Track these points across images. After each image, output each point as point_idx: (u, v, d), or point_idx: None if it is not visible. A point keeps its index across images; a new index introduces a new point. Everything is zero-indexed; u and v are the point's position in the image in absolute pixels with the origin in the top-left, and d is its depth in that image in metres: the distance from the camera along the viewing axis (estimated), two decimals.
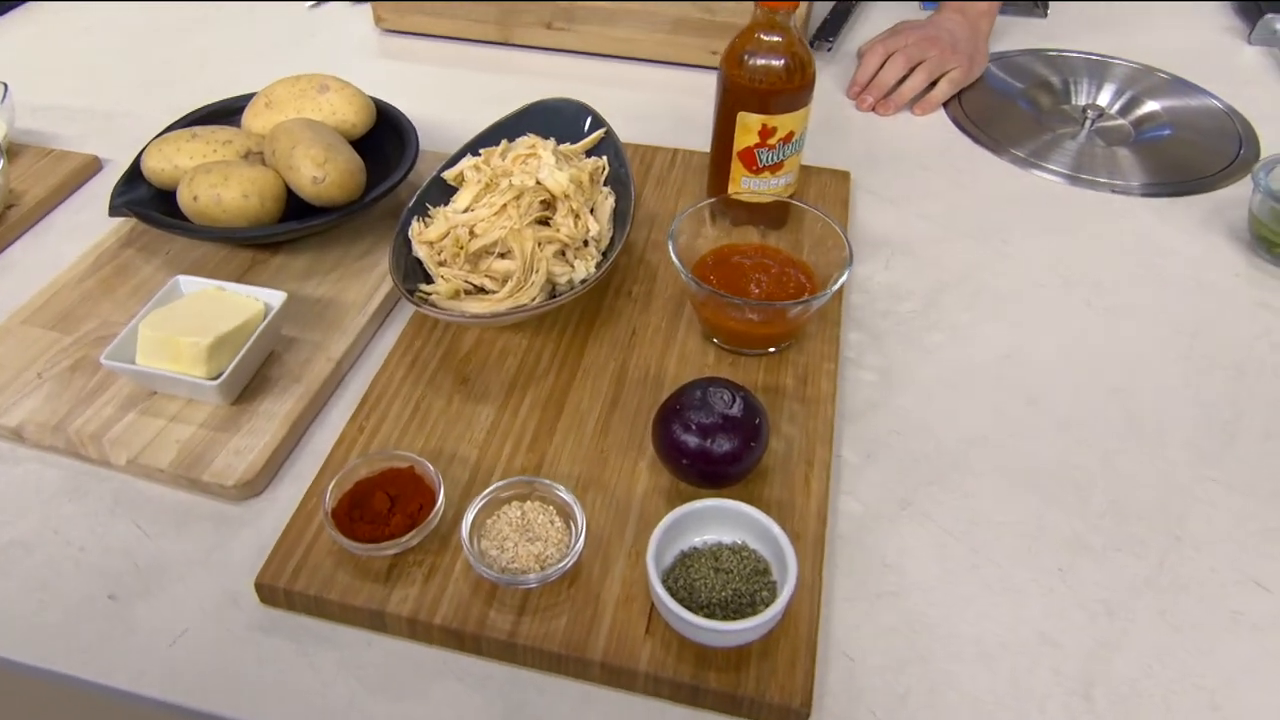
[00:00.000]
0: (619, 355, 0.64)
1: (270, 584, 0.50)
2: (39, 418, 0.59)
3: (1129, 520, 0.56)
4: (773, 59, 0.65)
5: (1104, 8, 1.13)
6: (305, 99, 0.76)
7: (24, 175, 0.80)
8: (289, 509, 0.55)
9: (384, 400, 0.61)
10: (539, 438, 0.58)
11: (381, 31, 1.05)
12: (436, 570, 0.51)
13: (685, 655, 0.47)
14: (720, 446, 0.51)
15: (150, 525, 0.55)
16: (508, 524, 0.51)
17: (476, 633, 0.48)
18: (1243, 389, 0.64)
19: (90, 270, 0.71)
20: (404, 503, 0.52)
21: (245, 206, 0.67)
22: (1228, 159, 0.87)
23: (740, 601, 0.48)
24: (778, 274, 0.63)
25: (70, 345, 0.64)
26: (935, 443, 0.60)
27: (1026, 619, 0.51)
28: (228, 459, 0.57)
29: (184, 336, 0.57)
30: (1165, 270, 0.75)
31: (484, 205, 0.63)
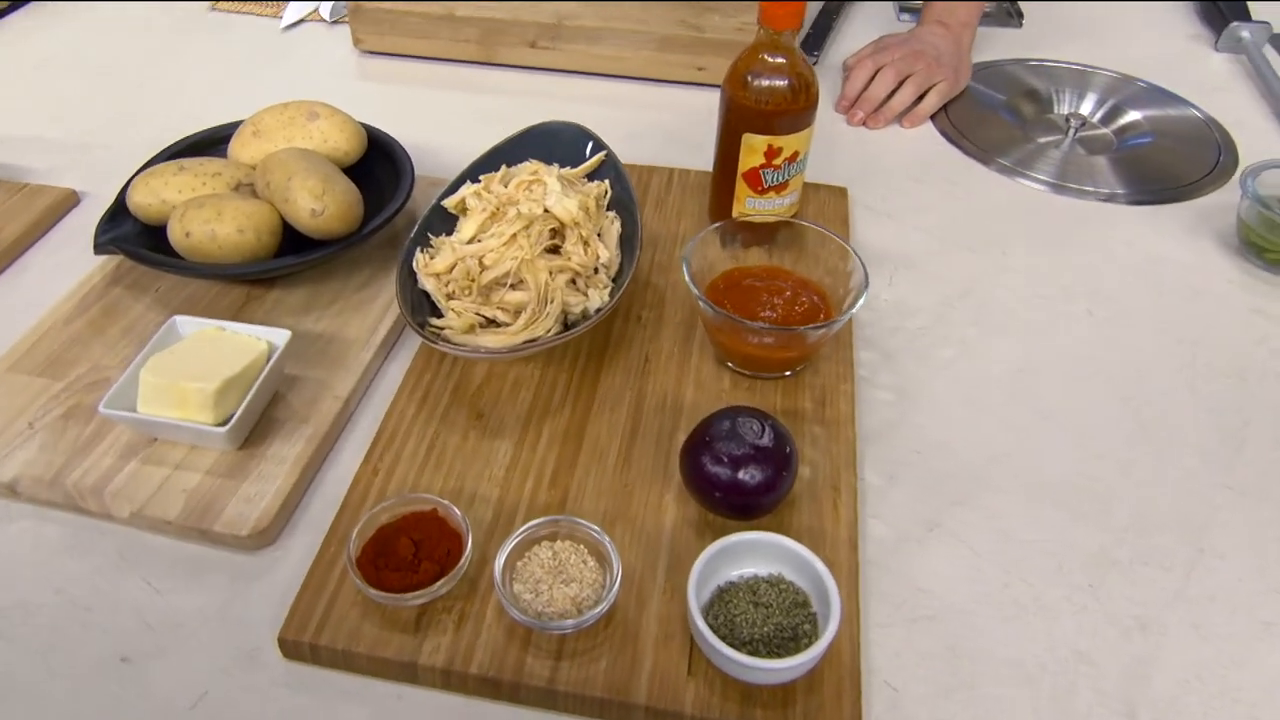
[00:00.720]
0: (634, 383, 0.63)
1: (295, 639, 0.48)
2: (33, 471, 0.57)
3: (1152, 532, 0.56)
4: (777, 79, 0.64)
5: (1075, 18, 1.15)
6: (295, 127, 0.74)
7: None
8: (307, 558, 0.54)
9: (397, 439, 0.59)
10: (560, 473, 0.57)
11: (360, 53, 1.03)
12: (467, 616, 0.49)
13: (730, 694, 0.46)
14: (753, 478, 0.50)
15: (160, 580, 0.53)
16: (539, 566, 0.50)
17: (514, 680, 0.47)
18: (1247, 396, 0.65)
19: (77, 311, 0.68)
20: (429, 547, 0.51)
21: (241, 242, 0.65)
22: (1208, 166, 0.88)
23: (782, 636, 0.47)
24: (791, 296, 0.63)
25: (61, 392, 0.62)
26: (956, 461, 0.60)
27: (1062, 638, 0.51)
28: (239, 507, 0.55)
29: (189, 382, 0.55)
30: (1161, 278, 0.76)
31: (492, 235, 0.61)
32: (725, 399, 0.62)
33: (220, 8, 1.11)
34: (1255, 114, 0.97)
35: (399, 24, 0.99)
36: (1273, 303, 0.74)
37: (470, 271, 0.59)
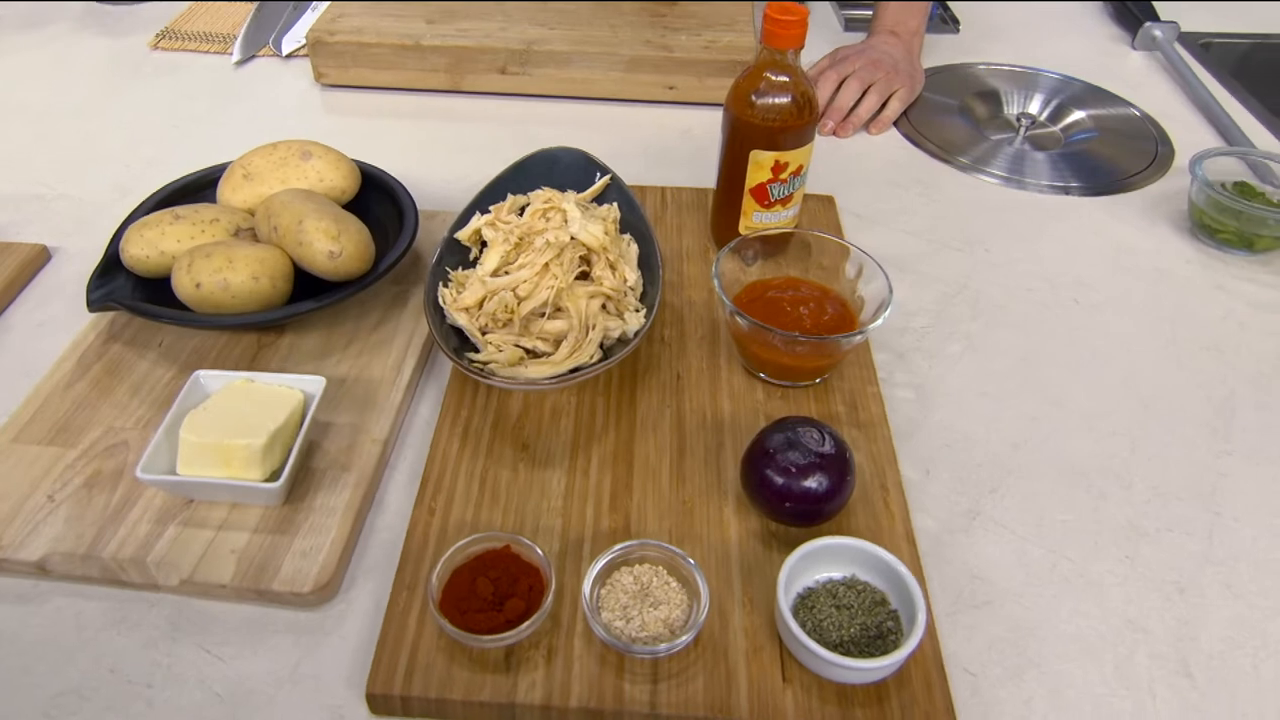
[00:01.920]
0: (670, 401, 0.64)
1: (383, 693, 0.47)
2: (64, 547, 0.53)
3: (1171, 501, 0.60)
4: (782, 97, 0.66)
5: (1005, 22, 1.22)
6: (288, 167, 0.72)
7: None
8: (373, 608, 0.53)
9: (446, 478, 0.58)
10: (618, 496, 0.57)
11: (322, 87, 1.01)
12: (555, 650, 0.49)
13: (828, 697, 0.48)
14: (821, 485, 0.52)
15: (220, 647, 0.51)
16: (623, 592, 0.50)
17: (616, 709, 0.47)
18: (1226, 367, 0.71)
19: (76, 373, 0.64)
20: (507, 585, 0.50)
21: (256, 290, 0.62)
22: (1149, 158, 0.95)
23: (868, 635, 0.49)
24: (816, 306, 0.65)
25: (77, 460, 0.58)
26: (984, 451, 0.63)
27: (1112, 609, 0.54)
28: (295, 563, 0.53)
29: (234, 439, 0.53)
30: (1130, 264, 0.81)
31: (520, 265, 0.61)
32: (761, 410, 0.63)
33: (163, 47, 1.07)
34: (1178, 106, 1.05)
35: (363, 56, 0.97)
36: (1230, 279, 0.80)
37: (507, 303, 0.59)
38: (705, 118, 0.98)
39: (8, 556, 0.53)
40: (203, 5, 1.15)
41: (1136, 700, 0.50)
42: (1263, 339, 0.73)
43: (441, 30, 0.98)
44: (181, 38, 1.08)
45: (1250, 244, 0.81)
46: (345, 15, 1.00)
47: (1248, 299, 0.77)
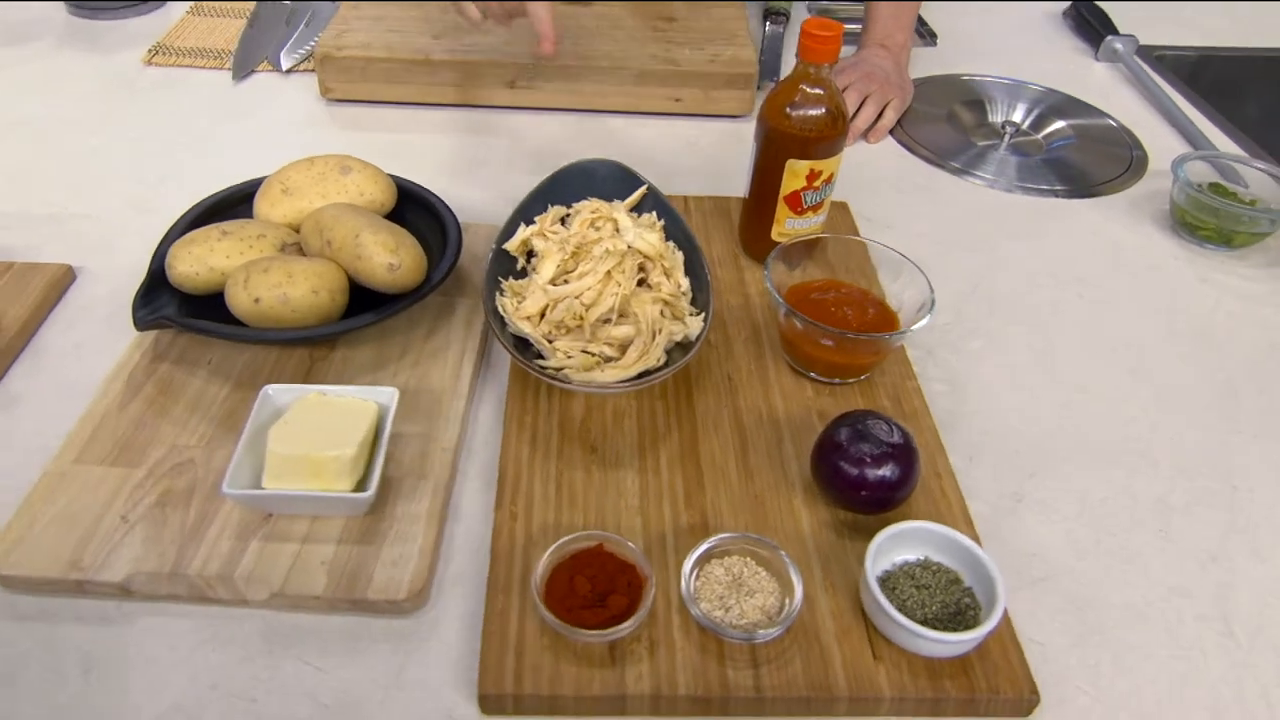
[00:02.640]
0: (727, 402, 0.66)
1: (495, 693, 0.48)
2: (147, 567, 0.53)
3: (1194, 478, 0.65)
4: (817, 109, 0.70)
5: (976, 36, 1.28)
6: (328, 182, 0.72)
7: None
8: (468, 612, 0.54)
9: (522, 482, 0.59)
10: (691, 493, 0.59)
11: (327, 101, 1.01)
12: (657, 642, 0.51)
13: (918, 671, 0.51)
14: (894, 473, 0.55)
15: (319, 658, 0.51)
16: (717, 583, 0.52)
17: (723, 695, 0.49)
18: (1222, 354, 0.76)
19: (128, 393, 0.63)
20: (604, 582, 0.52)
21: (316, 303, 0.63)
22: (1126, 163, 1.02)
23: (948, 612, 0.52)
24: (859, 306, 0.68)
25: (145, 480, 0.58)
26: (1020, 438, 0.67)
27: (1156, 578, 0.58)
28: (387, 571, 0.54)
29: (325, 451, 0.53)
30: (1123, 260, 0.87)
31: (581, 274, 0.63)
32: (812, 406, 0.66)
33: (157, 62, 1.05)
34: (1143, 113, 1.12)
35: (371, 71, 0.98)
36: (1214, 272, 0.86)
37: (575, 311, 0.61)
38: (712, 129, 1.01)
39: (89, 578, 0.52)
40: (194, 20, 1.13)
41: (1190, 660, 0.54)
42: (1250, 328, 0.79)
43: (449, 45, 0.99)
44: (175, 53, 1.07)
45: (1229, 240, 0.87)
46: (349, 31, 1.00)
47: (1232, 291, 0.84)
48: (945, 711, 0.50)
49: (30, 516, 0.55)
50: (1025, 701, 0.50)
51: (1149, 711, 0.51)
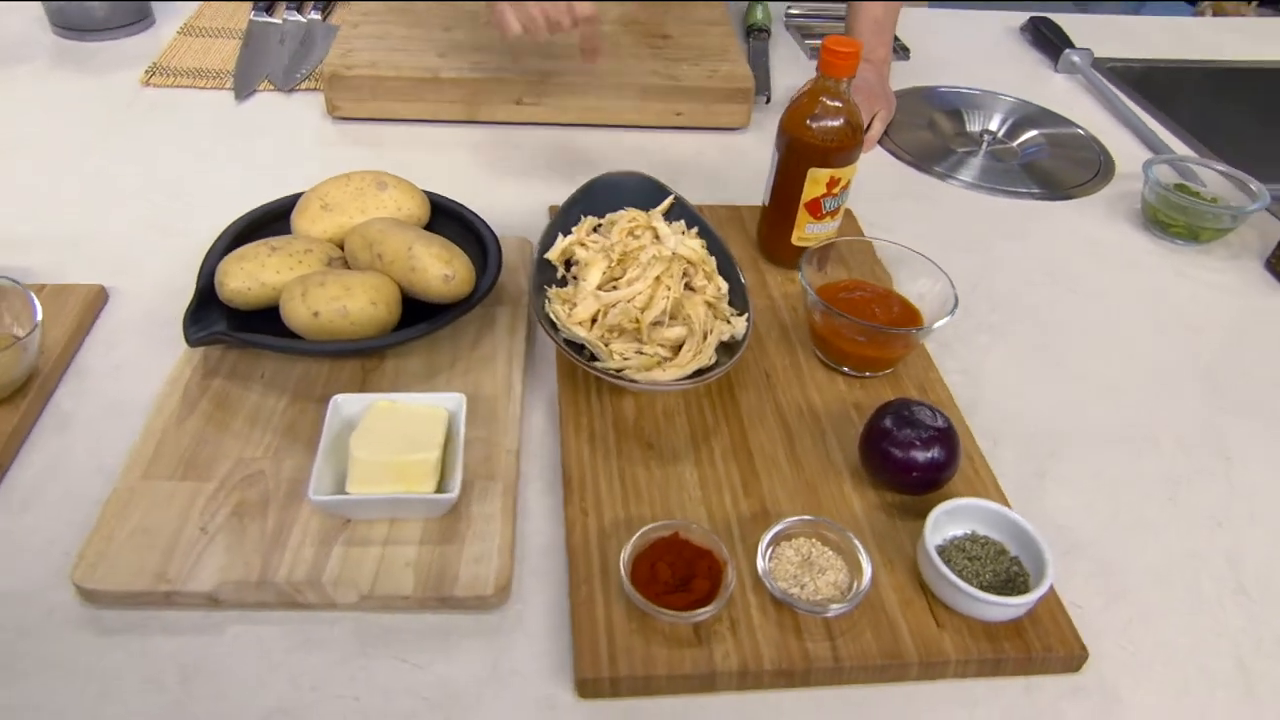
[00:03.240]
0: (767, 397, 0.69)
1: (593, 677, 0.51)
2: (234, 576, 0.54)
3: (1192, 453, 0.71)
4: (836, 120, 0.74)
5: (946, 50, 1.35)
6: (366, 198, 0.74)
7: (15, 316, 0.69)
8: (549, 604, 0.56)
9: (587, 479, 0.62)
10: (748, 483, 0.63)
11: (334, 120, 1.02)
12: (737, 621, 0.54)
13: (978, 635, 0.55)
14: (941, 455, 0.59)
15: (415, 655, 0.53)
16: (789, 563, 0.56)
17: (805, 667, 0.52)
18: (1201, 340, 0.83)
19: (184, 408, 0.64)
20: (683, 567, 0.55)
21: (374, 315, 0.64)
22: (1095, 167, 1.09)
23: (999, 580, 0.56)
24: (884, 304, 0.72)
25: (218, 492, 0.59)
26: (1036, 423, 0.72)
27: (1172, 544, 0.64)
28: (472, 569, 0.56)
29: (410, 455, 0.55)
30: (1104, 257, 0.94)
31: (630, 280, 0.66)
32: (847, 398, 0.70)
33: (155, 83, 1.05)
34: (1104, 121, 1.20)
35: (380, 89, 0.99)
36: (1185, 266, 0.93)
37: (630, 315, 0.64)
38: (712, 141, 1.05)
39: (178, 589, 0.53)
40: (186, 41, 1.13)
41: (1212, 615, 0.59)
42: (1222, 316, 0.86)
43: (455, 63, 1.01)
44: (172, 74, 1.06)
45: (1196, 235, 0.95)
46: (354, 50, 1.02)
47: (1203, 283, 0.91)
48: (1005, 671, 0.54)
49: (108, 532, 0.56)
50: (1076, 658, 0.55)
51: (1181, 660, 0.56)
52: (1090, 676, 0.55)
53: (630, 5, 1.17)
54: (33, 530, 0.58)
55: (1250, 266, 0.94)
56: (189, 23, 1.17)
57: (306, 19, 1.18)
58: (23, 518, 0.58)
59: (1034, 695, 0.54)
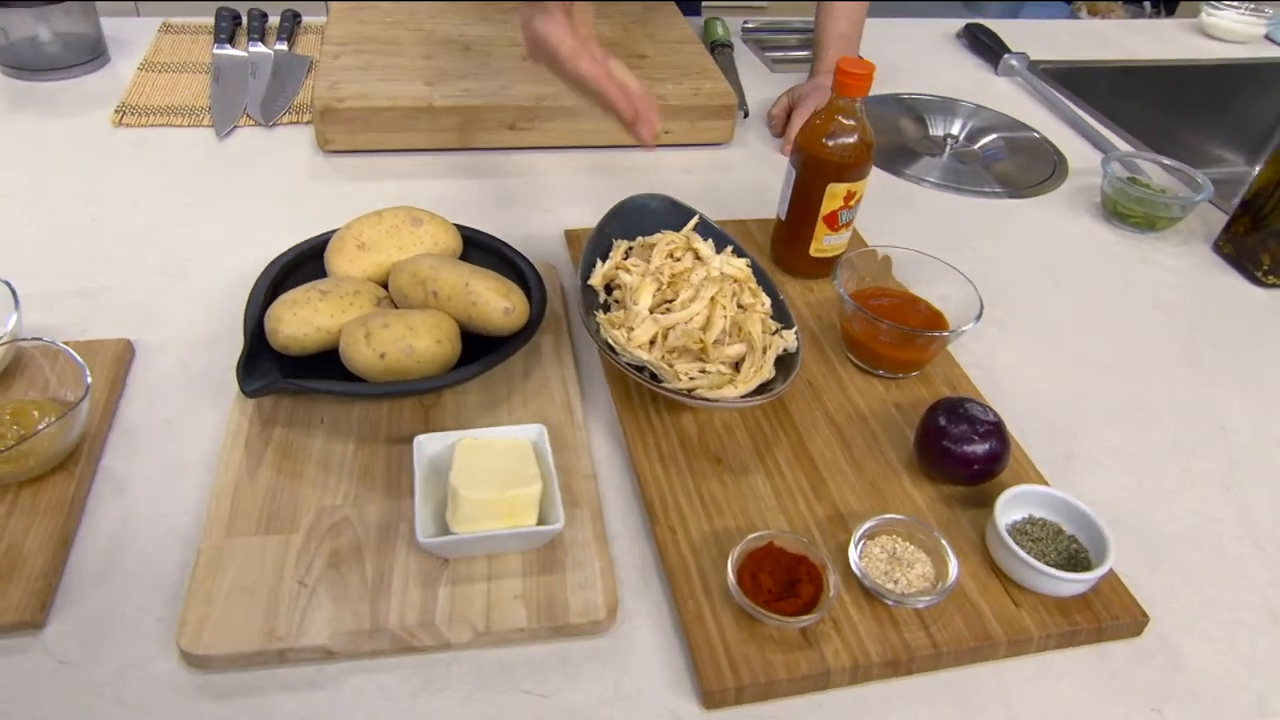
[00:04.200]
0: (816, 404, 0.73)
1: (718, 688, 0.53)
2: (345, 626, 0.54)
3: (1193, 425, 0.78)
4: (851, 137, 0.78)
5: (893, 57, 1.42)
6: (402, 235, 0.74)
7: (59, 378, 0.66)
8: (655, 622, 0.58)
9: (667, 499, 0.64)
10: (818, 489, 0.66)
11: (325, 153, 1.00)
12: (839, 621, 0.57)
13: (1052, 610, 0.59)
14: (997, 447, 0.64)
15: (537, 686, 0.54)
16: (878, 560, 0.59)
17: (909, 656, 0.56)
18: (1176, 320, 0.91)
19: (251, 461, 0.63)
20: (781, 574, 0.57)
21: (439, 353, 0.65)
22: (1051, 166, 1.17)
23: (1063, 558, 0.61)
24: (911, 309, 0.77)
25: (307, 544, 0.58)
26: (1054, 408, 0.78)
27: (1195, 509, 0.70)
28: (579, 595, 0.57)
29: (515, 490, 0.56)
30: (1075, 249, 1.01)
31: (684, 302, 0.68)
32: (886, 399, 0.74)
33: (128, 124, 1.01)
34: (1048, 121, 1.29)
35: (373, 120, 0.98)
36: (1147, 253, 1.01)
37: (695, 336, 0.66)
38: (699, 157, 1.08)
39: (290, 646, 0.53)
40: (149, 78, 1.09)
41: (1239, 570, 0.66)
42: (1189, 296, 0.95)
43: (445, 91, 1.01)
44: (143, 113, 1.02)
45: (1153, 225, 1.04)
46: (341, 82, 1.00)
47: (1165, 267, 0.99)
48: (1080, 641, 0.59)
49: (205, 595, 0.54)
50: (1139, 623, 0.60)
51: (1224, 618, 0.62)
52: (1151, 639, 0.60)
53: (605, 28, 1.20)
54: (119, 600, 0.56)
55: (1200, 250, 1.03)
56: (148, 58, 1.13)
57: (273, 50, 1.16)
58: (104, 588, 0.56)
59: (1106, 661, 0.59)
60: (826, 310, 0.84)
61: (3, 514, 0.58)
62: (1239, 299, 0.95)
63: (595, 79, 0.71)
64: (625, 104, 0.72)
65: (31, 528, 0.58)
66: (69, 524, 0.59)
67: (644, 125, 0.73)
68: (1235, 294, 0.96)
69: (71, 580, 0.57)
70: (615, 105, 0.72)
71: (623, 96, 0.72)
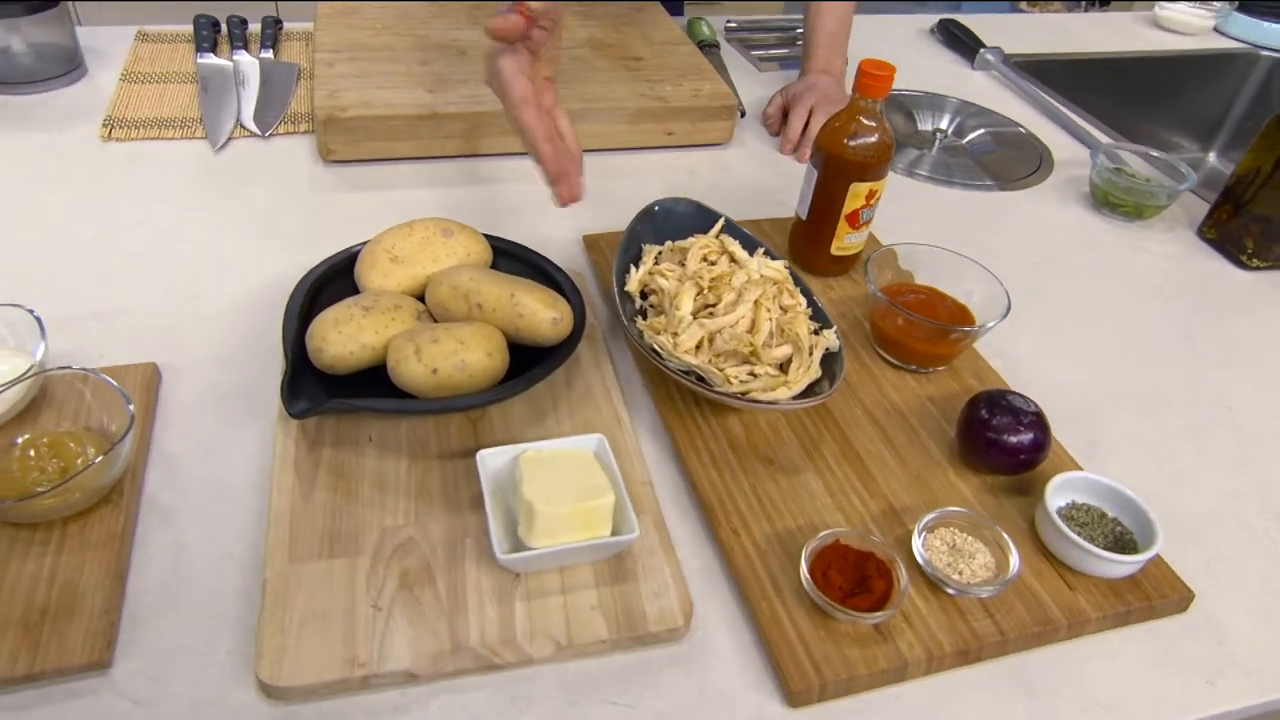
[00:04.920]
0: (854, 400, 0.74)
1: (803, 688, 0.54)
2: (427, 649, 0.53)
3: (1201, 404, 0.81)
4: (873, 137, 0.79)
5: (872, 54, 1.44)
6: (435, 246, 0.73)
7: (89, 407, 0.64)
8: (729, 624, 0.58)
9: (725, 502, 0.64)
10: (868, 485, 0.67)
11: (326, 163, 0.98)
12: (908, 613, 0.58)
13: (1105, 592, 0.61)
14: (1041, 438, 0.66)
15: (622, 696, 0.54)
16: (940, 552, 0.60)
17: (979, 645, 0.57)
18: (1173, 305, 0.95)
19: (303, 484, 0.61)
20: (850, 571, 0.58)
21: (490, 366, 0.64)
22: (1037, 159, 1.21)
23: (1109, 540, 0.63)
24: (939, 304, 0.78)
25: (375, 566, 0.57)
26: (1074, 395, 0.80)
27: (1213, 489, 0.73)
28: (655, 604, 0.57)
29: (590, 501, 0.56)
30: (1070, 239, 1.04)
31: (729, 305, 0.69)
32: (919, 393, 0.76)
33: (118, 138, 0.97)
34: (1026, 113, 1.33)
35: (376, 129, 0.96)
36: (1138, 240, 1.05)
37: (744, 339, 0.66)
38: (702, 157, 1.09)
39: (373, 672, 0.52)
40: (132, 89, 1.05)
41: (1265, 544, 0.69)
42: (1182, 281, 0.99)
43: (449, 98, 1.00)
44: (132, 126, 0.99)
45: (1141, 213, 1.07)
46: (341, 91, 0.98)
47: (1156, 254, 1.03)
48: (1133, 619, 0.61)
49: (278, 624, 0.53)
50: (1184, 600, 0.62)
51: (1258, 590, 0.66)
52: (1196, 615, 0.63)
53: (595, 30, 1.19)
54: (185, 634, 0.54)
55: (1185, 236, 1.07)
56: (129, 69, 1.09)
57: (258, 58, 1.13)
58: (167, 622, 0.55)
59: (1157, 638, 0.61)
60: (849, 307, 0.85)
61: (52, 551, 0.56)
62: (1226, 282, 0.99)
63: (531, 132, 0.72)
64: (552, 163, 0.73)
65: (85, 564, 0.56)
66: (121, 558, 0.57)
67: (563, 187, 0.74)
68: (1222, 278, 1.00)
69: (132, 616, 0.55)
70: (543, 162, 0.73)
71: (552, 156, 0.73)
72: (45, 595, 0.54)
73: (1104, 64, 1.59)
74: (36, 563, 0.55)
